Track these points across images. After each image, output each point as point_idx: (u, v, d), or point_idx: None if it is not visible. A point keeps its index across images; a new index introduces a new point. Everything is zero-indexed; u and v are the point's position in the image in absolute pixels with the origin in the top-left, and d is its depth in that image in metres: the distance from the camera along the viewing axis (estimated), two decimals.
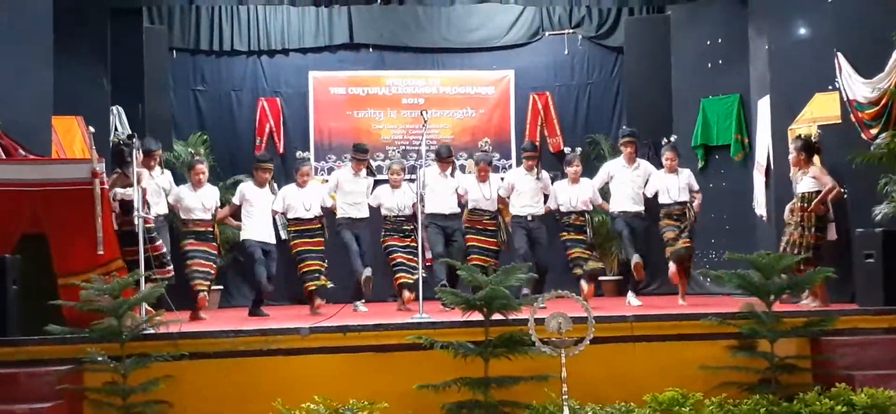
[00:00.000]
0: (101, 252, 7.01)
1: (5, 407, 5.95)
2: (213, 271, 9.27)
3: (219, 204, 9.45)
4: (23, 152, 7.89)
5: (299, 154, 10.58)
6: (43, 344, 6.49)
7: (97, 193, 7.06)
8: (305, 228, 9.53)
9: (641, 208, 9.70)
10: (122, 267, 7.16)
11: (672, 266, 9.47)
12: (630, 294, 9.62)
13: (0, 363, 6.41)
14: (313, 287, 9.38)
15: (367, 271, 9.36)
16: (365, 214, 9.77)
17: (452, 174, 9.95)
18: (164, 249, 8.39)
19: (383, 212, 9.79)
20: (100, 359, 6.21)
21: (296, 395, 6.22)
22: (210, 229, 9.23)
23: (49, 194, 7.08)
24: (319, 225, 9.60)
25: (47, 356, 6.45)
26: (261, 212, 9.44)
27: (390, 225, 9.71)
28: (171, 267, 8.35)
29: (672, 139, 9.96)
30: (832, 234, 8.51)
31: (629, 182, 9.70)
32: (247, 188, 9.59)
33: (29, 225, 7.05)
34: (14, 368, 6.36)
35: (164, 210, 9.07)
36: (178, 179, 9.61)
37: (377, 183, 10.18)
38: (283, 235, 9.58)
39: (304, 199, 9.55)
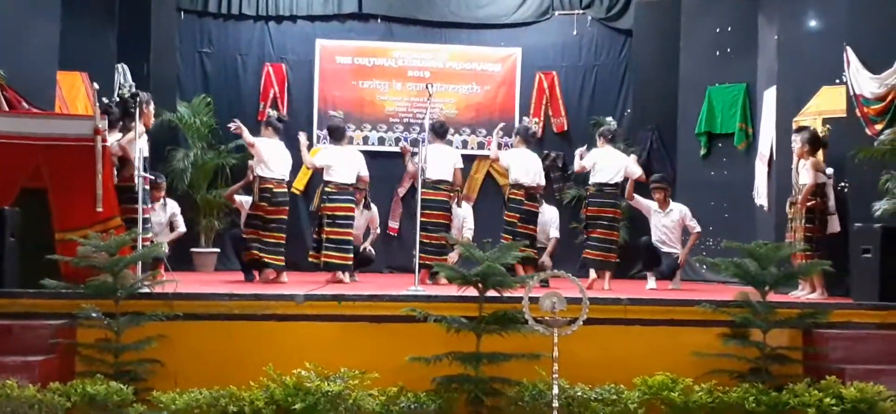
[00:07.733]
0: (101, 209, 7.01)
1: None
2: None
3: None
4: (26, 106, 7.90)
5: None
6: (38, 297, 6.52)
7: (98, 150, 7.05)
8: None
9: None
10: (120, 225, 7.17)
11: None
12: (650, 277, 9.60)
13: None
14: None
15: None
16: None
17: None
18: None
19: (325, 177, 9.32)
20: (94, 315, 6.25)
21: (288, 361, 6.22)
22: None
23: (51, 149, 7.07)
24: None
25: (42, 310, 6.47)
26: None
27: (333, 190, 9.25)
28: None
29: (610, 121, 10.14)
30: (834, 226, 8.46)
31: (662, 227, 9.79)
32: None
33: (29, 178, 7.05)
34: (8, 320, 6.37)
35: None
36: (181, 139, 9.56)
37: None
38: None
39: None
